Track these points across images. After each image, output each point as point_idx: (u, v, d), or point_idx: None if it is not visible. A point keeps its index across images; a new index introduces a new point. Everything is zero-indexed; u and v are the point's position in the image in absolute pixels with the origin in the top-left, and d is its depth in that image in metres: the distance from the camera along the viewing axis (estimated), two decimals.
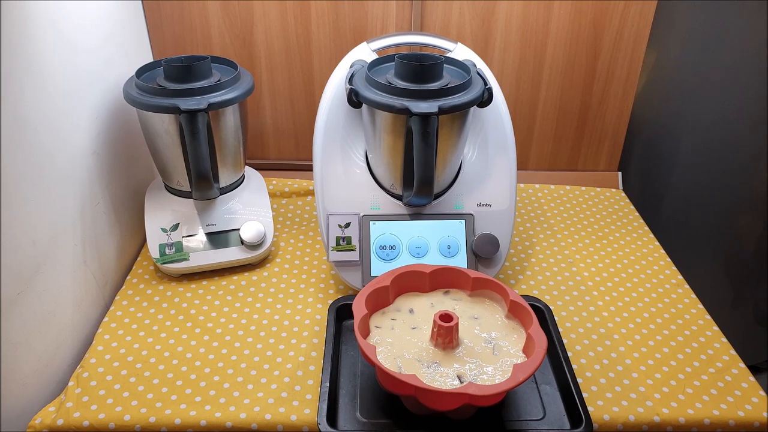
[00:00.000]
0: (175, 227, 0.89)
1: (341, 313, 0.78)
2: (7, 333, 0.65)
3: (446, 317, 0.66)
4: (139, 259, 0.93)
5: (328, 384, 0.67)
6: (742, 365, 0.76)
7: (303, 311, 0.83)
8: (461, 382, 0.62)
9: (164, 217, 0.89)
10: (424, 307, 0.73)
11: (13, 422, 0.67)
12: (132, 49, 0.97)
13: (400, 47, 0.91)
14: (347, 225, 0.84)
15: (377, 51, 0.88)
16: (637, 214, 1.08)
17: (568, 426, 0.66)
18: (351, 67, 0.85)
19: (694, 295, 0.88)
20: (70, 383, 0.72)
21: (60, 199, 0.75)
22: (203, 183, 0.84)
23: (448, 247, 0.84)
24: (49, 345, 0.73)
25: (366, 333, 0.68)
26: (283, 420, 0.67)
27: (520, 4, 1.01)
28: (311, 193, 1.09)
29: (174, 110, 0.79)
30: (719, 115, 1.18)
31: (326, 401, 0.65)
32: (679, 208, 1.27)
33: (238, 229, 0.90)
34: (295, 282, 0.89)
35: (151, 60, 1.00)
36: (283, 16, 1.02)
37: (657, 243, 0.99)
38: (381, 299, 0.72)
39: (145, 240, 0.92)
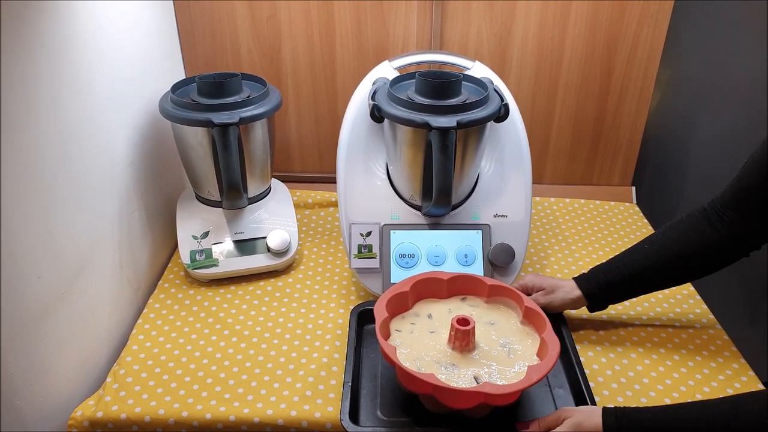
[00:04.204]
0: (206, 235, 0.93)
1: (362, 317, 0.82)
2: (53, 331, 0.70)
3: (463, 321, 0.69)
4: (170, 264, 0.98)
5: (350, 383, 0.71)
6: (752, 373, 0.78)
7: (326, 315, 0.87)
8: (477, 383, 0.65)
9: (195, 225, 0.94)
10: (442, 313, 0.76)
11: (57, 414, 0.71)
12: (167, 67, 1.02)
13: (420, 65, 0.95)
14: (368, 234, 0.88)
15: (398, 69, 0.92)
16: (650, 227, 1.10)
17: None
18: (373, 84, 0.89)
19: (705, 306, 0.90)
20: (108, 379, 0.76)
21: (100, 206, 0.80)
22: (234, 193, 0.88)
23: (465, 256, 0.88)
24: (89, 343, 0.78)
25: (386, 336, 0.72)
26: (307, 417, 0.71)
27: (536, 23, 1.05)
28: (333, 204, 1.14)
29: (207, 124, 0.84)
30: (733, 130, 1.20)
31: (348, 399, 0.69)
32: None
33: (265, 237, 0.94)
34: (318, 288, 0.93)
35: (184, 77, 1.06)
36: (309, 35, 1.07)
37: None
38: (401, 304, 0.76)
39: (176, 247, 0.96)
